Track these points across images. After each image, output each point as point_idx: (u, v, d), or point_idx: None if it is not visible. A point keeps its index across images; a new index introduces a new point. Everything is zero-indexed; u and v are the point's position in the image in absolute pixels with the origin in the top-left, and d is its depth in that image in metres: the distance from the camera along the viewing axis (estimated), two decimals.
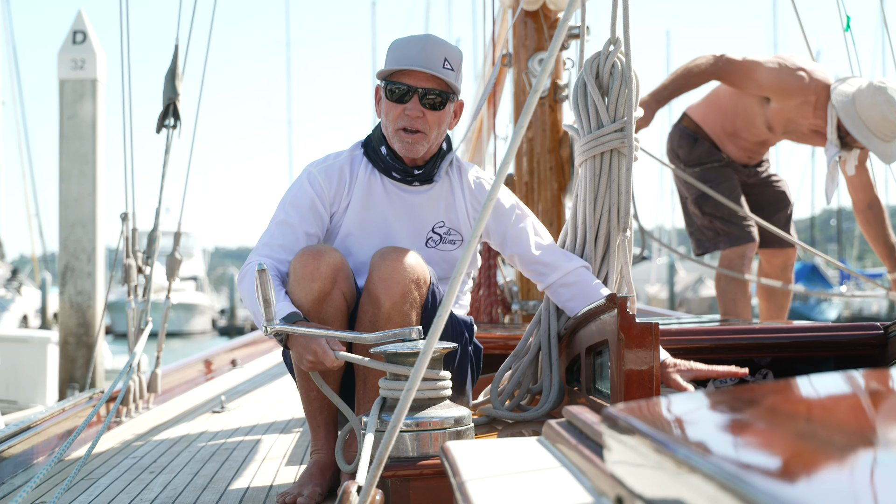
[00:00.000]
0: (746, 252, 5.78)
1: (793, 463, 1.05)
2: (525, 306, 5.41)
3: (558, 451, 1.79)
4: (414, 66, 3.29)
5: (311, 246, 3.27)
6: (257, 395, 6.60)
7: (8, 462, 4.06)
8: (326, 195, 3.46)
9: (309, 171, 3.50)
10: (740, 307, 5.83)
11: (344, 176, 3.48)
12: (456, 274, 1.89)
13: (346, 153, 3.54)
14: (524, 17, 5.42)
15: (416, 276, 3.20)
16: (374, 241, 3.45)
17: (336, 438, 3.43)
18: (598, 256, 3.43)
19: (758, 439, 1.22)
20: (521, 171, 5.48)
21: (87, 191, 12.30)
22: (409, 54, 3.32)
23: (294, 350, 3.05)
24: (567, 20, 1.97)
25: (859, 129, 5.27)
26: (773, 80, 5.46)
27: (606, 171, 3.38)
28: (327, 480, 3.38)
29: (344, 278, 3.23)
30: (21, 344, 12.30)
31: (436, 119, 3.37)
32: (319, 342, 2.99)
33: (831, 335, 3.48)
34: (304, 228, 3.41)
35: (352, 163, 3.51)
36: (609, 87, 3.38)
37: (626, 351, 2.80)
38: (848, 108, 5.30)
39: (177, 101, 6.07)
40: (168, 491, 3.68)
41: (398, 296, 3.16)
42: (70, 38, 12.59)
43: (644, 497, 1.23)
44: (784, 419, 1.32)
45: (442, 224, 3.51)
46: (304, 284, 3.16)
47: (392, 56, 3.37)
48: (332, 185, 3.46)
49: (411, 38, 3.39)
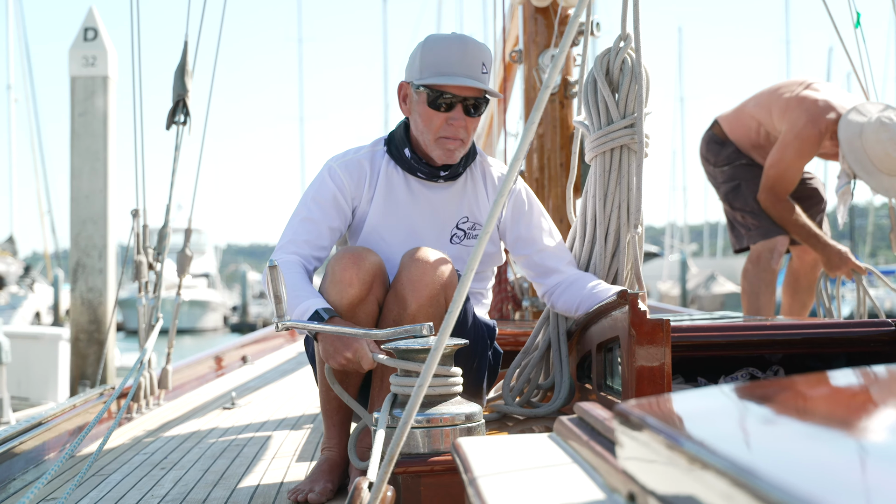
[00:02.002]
0: (777, 245, 5.82)
1: (806, 459, 1.05)
2: (535, 303, 5.41)
3: (570, 447, 1.79)
4: (460, 77, 3.27)
5: (350, 249, 3.24)
6: (268, 391, 6.61)
7: (19, 458, 4.07)
8: (348, 189, 3.45)
9: (330, 165, 3.49)
10: (763, 301, 5.87)
11: (364, 170, 3.46)
12: (467, 270, 1.88)
13: (367, 148, 3.53)
14: (534, 14, 5.42)
15: (444, 281, 3.18)
16: (398, 238, 3.44)
17: (348, 437, 3.43)
18: (609, 253, 3.42)
19: (771, 435, 1.22)
20: (531, 168, 5.48)
21: (98, 187, 12.32)
22: (450, 61, 3.29)
23: (325, 345, 3.03)
24: (578, 16, 1.97)
25: (863, 164, 5.34)
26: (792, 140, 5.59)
27: (616, 168, 3.38)
28: (338, 477, 3.38)
29: (380, 284, 3.21)
30: (33, 341, 12.34)
31: (474, 125, 3.37)
32: (362, 343, 2.98)
33: (843, 332, 3.47)
34: (328, 223, 3.40)
35: (373, 158, 3.50)
36: (619, 84, 3.38)
37: (637, 347, 2.80)
38: (854, 143, 5.37)
39: (186, 97, 6.07)
40: (179, 487, 3.68)
41: (425, 298, 3.15)
42: (81, 35, 12.61)
43: (657, 493, 1.23)
44: (797, 415, 1.32)
45: (466, 220, 3.50)
46: (340, 288, 3.14)
47: (430, 60, 3.32)
48: (353, 179, 3.45)
49: (449, 39, 3.35)
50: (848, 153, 5.37)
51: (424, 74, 3.32)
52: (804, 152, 5.60)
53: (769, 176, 5.67)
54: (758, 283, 5.88)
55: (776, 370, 3.54)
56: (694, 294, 38.89)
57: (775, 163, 5.65)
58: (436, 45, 3.34)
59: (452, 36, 3.37)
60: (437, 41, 3.35)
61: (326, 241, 3.38)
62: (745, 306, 5.94)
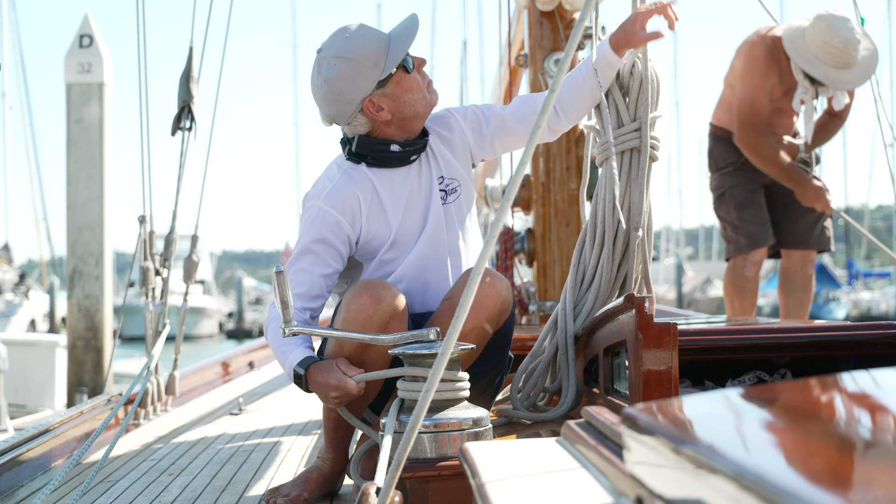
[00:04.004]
0: (750, 257, 5.99)
1: (815, 462, 1.05)
2: (542, 307, 5.40)
3: (577, 451, 1.78)
4: (402, 42, 3.30)
5: (370, 284, 3.17)
6: (275, 397, 6.61)
7: (26, 465, 4.07)
8: (344, 223, 3.33)
9: (315, 206, 3.35)
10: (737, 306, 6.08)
11: (354, 194, 3.35)
12: (474, 274, 1.88)
13: (338, 174, 3.40)
14: (540, 18, 5.42)
15: (500, 308, 3.25)
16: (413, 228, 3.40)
17: (345, 452, 3.43)
18: (618, 256, 3.42)
19: (779, 439, 1.22)
20: (537, 172, 5.48)
21: (94, 194, 12.35)
22: (384, 42, 3.29)
23: (317, 392, 3.04)
24: (584, 19, 1.96)
25: (809, 60, 5.47)
26: (743, 62, 5.79)
27: (626, 171, 3.37)
28: (319, 488, 3.38)
29: (398, 324, 3.15)
30: (29, 348, 12.35)
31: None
32: (335, 375, 2.98)
33: (850, 334, 3.46)
34: (321, 272, 3.31)
35: (353, 178, 3.38)
36: (629, 87, 3.38)
37: (644, 351, 2.79)
38: (797, 43, 5.51)
39: (192, 103, 6.07)
40: (186, 493, 3.68)
41: (482, 319, 3.20)
42: (77, 41, 12.65)
43: (664, 497, 1.22)
44: (805, 418, 1.32)
45: (442, 179, 3.46)
46: (353, 327, 3.08)
47: (371, 57, 3.27)
48: (344, 210, 3.33)
49: (365, 35, 3.31)
50: (794, 55, 5.49)
51: (386, 66, 3.28)
52: (760, 70, 5.68)
53: (739, 110, 5.74)
54: (732, 290, 6.07)
55: (783, 373, 3.53)
56: (690, 298, 38.95)
57: (740, 96, 5.75)
58: (361, 48, 3.28)
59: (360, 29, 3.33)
60: (359, 47, 3.28)
61: (318, 291, 3.29)
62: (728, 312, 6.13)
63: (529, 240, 5.52)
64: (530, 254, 5.53)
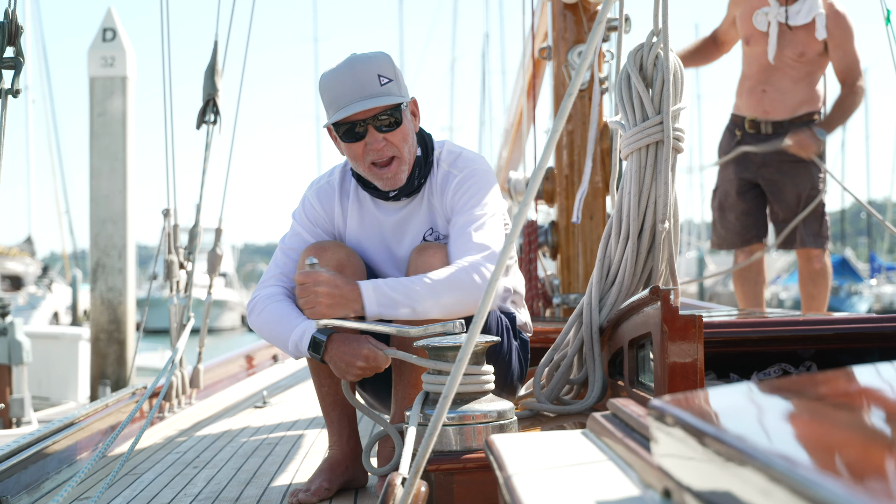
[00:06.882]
0: (738, 257, 6.37)
1: (843, 454, 1.04)
2: (566, 300, 5.39)
3: (604, 444, 1.78)
4: (356, 103, 3.17)
5: (316, 243, 3.35)
6: (299, 390, 6.62)
7: (52, 458, 4.09)
8: (321, 215, 3.49)
9: (306, 195, 3.54)
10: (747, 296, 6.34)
11: (334, 194, 3.49)
12: (495, 273, 1.88)
13: (337, 172, 3.54)
14: (563, 10, 5.40)
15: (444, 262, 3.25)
16: (375, 255, 3.47)
17: (351, 434, 3.42)
18: (644, 250, 3.40)
19: (808, 430, 1.21)
20: (560, 165, 5.47)
21: (117, 187, 12.40)
22: (343, 91, 3.20)
23: (335, 363, 3.05)
24: (606, 11, 1.96)
25: None
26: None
27: (651, 164, 3.35)
28: (337, 476, 3.36)
29: (352, 273, 3.26)
30: (53, 341, 12.41)
31: (400, 137, 3.26)
32: (367, 346, 3.00)
33: (875, 326, 3.45)
34: None
35: (343, 181, 3.51)
36: (653, 79, 3.36)
37: (669, 343, 2.78)
38: None
39: (216, 96, 6.08)
40: (211, 486, 3.69)
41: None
42: (100, 35, 12.72)
43: (692, 489, 1.22)
44: (833, 410, 1.31)
45: (431, 231, 3.44)
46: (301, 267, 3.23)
47: (328, 99, 3.24)
48: (324, 206, 3.49)
49: (337, 71, 3.25)
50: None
51: (329, 114, 3.25)
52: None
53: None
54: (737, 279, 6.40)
55: (808, 366, 3.52)
56: (712, 291, 38.74)
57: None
58: (328, 82, 3.25)
59: (341, 64, 3.27)
60: (327, 78, 3.26)
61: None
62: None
63: (553, 232, 5.51)
64: (554, 246, 5.52)
